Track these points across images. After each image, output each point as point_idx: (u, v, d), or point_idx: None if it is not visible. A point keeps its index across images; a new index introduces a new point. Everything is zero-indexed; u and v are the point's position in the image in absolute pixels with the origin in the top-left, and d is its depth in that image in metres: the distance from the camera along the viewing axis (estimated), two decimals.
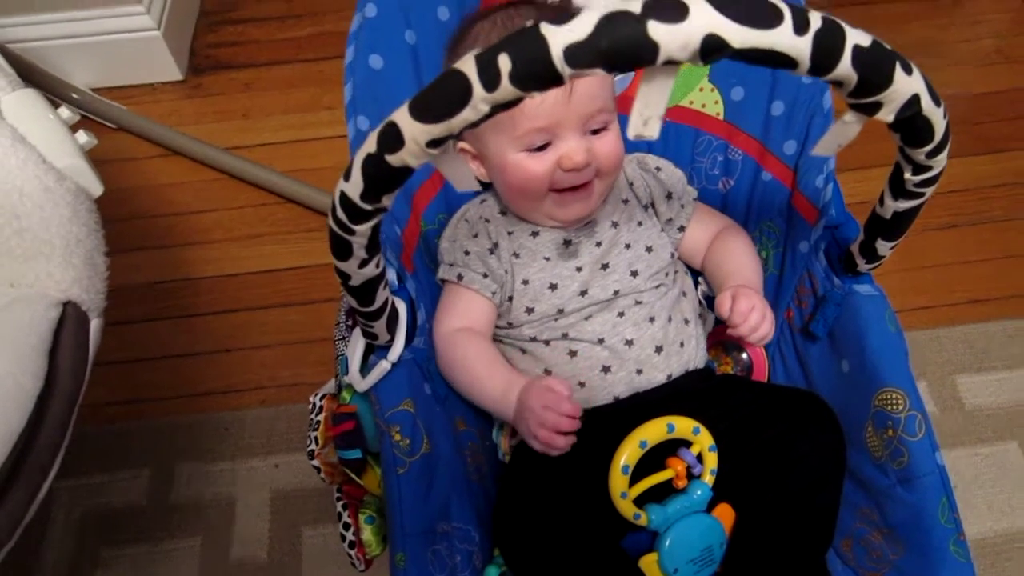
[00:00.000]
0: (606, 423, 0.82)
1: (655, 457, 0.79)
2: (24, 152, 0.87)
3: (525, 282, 0.91)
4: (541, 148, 0.85)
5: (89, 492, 1.29)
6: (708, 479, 0.80)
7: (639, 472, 0.78)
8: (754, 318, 0.85)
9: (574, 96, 0.82)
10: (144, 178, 1.65)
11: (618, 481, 0.77)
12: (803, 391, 0.89)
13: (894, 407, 0.78)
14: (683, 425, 0.79)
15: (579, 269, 0.91)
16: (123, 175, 1.64)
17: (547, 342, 0.90)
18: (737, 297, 0.86)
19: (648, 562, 0.79)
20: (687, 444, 0.80)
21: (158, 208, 1.61)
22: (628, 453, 0.77)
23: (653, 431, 0.78)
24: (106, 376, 1.25)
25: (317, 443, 0.89)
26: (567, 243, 0.93)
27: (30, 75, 1.63)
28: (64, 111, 0.97)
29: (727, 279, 0.92)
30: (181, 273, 1.53)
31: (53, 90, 1.66)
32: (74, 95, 1.68)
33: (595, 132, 0.87)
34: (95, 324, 0.85)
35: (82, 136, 0.96)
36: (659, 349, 0.89)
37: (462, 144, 0.90)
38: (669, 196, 0.97)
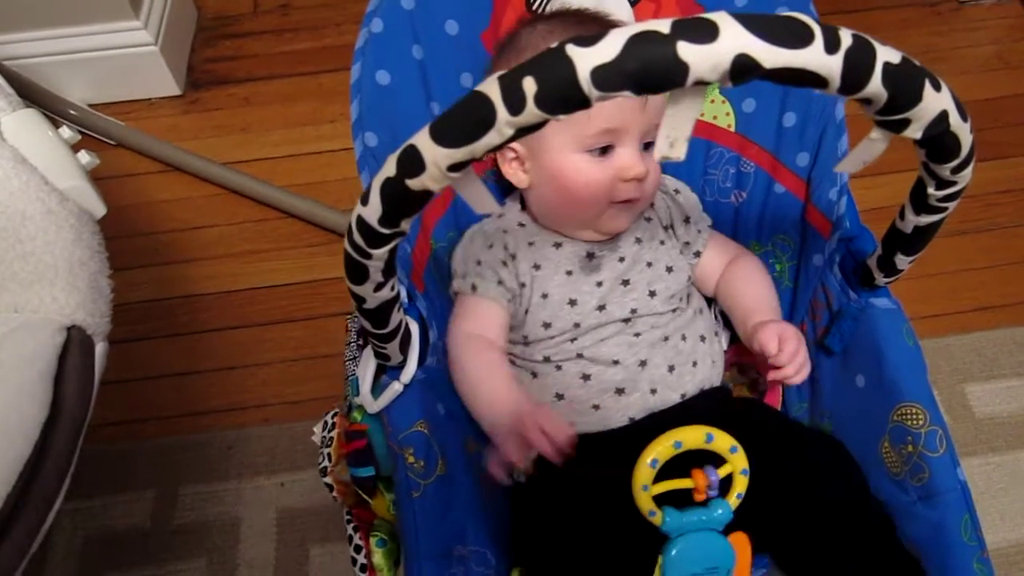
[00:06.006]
0: (623, 444, 0.80)
1: (682, 464, 0.77)
2: (26, 174, 0.86)
3: (545, 296, 0.90)
4: (602, 152, 0.85)
5: (91, 515, 1.27)
6: (733, 501, 0.78)
7: (665, 475, 0.76)
8: (800, 358, 0.84)
9: (649, 104, 0.82)
10: (143, 194, 1.64)
11: (643, 472, 0.74)
12: (824, 434, 0.87)
13: (914, 422, 0.78)
14: (722, 441, 0.75)
15: (599, 284, 0.90)
16: (122, 192, 1.62)
17: (559, 366, 0.88)
18: (786, 339, 0.84)
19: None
20: (716, 461, 0.78)
21: (158, 224, 1.60)
22: (660, 449, 0.74)
23: (691, 436, 0.75)
24: (107, 396, 1.22)
25: (330, 460, 0.88)
26: (590, 256, 0.92)
27: (27, 92, 1.61)
28: (65, 131, 0.95)
29: (752, 311, 0.90)
30: (182, 290, 1.52)
31: (50, 107, 1.65)
32: (72, 111, 1.67)
33: (645, 147, 0.87)
34: (100, 348, 0.83)
35: (84, 156, 0.95)
36: (672, 368, 0.88)
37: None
38: (687, 220, 0.97)
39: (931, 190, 0.63)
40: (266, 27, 1.90)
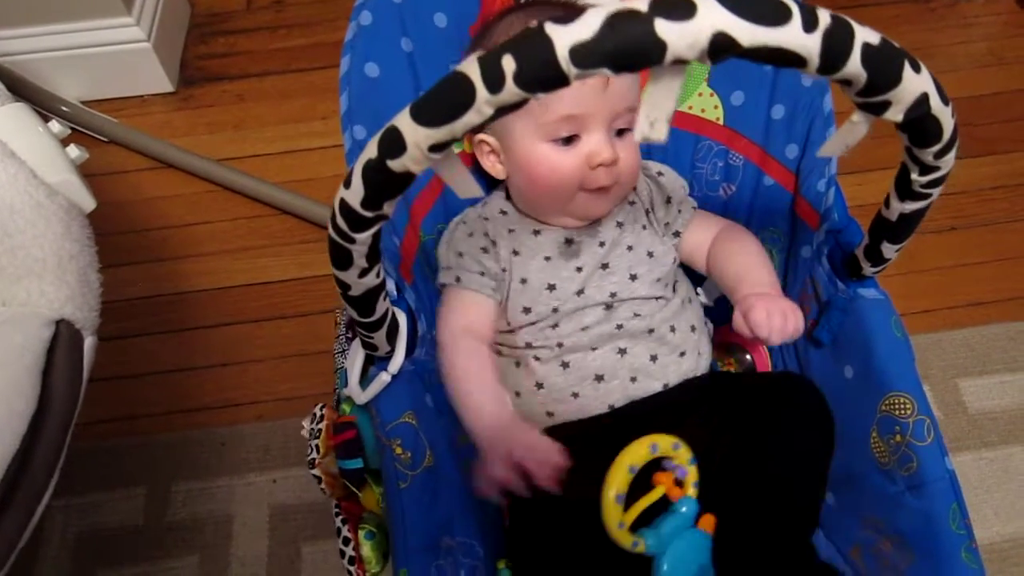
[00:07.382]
0: (604, 434, 0.80)
1: (640, 478, 0.75)
2: (14, 167, 0.85)
3: (523, 280, 0.90)
4: (567, 141, 0.85)
5: (84, 512, 1.27)
6: (692, 492, 0.78)
7: (628, 496, 0.75)
8: (776, 321, 0.80)
9: (609, 89, 0.82)
10: (136, 191, 1.63)
11: (612, 512, 0.72)
12: (783, 374, 0.86)
13: (902, 412, 0.77)
14: (664, 443, 0.75)
15: (579, 269, 0.90)
16: (115, 188, 1.62)
17: (538, 355, 0.88)
18: (748, 312, 0.81)
19: None
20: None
21: (150, 221, 1.60)
22: (619, 482, 0.72)
23: (637, 454, 0.74)
24: (99, 392, 1.23)
25: (318, 452, 0.88)
26: (569, 242, 0.91)
27: (19, 88, 1.61)
28: (55, 125, 0.95)
29: (738, 285, 0.88)
30: (174, 287, 1.52)
31: (43, 103, 1.65)
32: (64, 108, 1.67)
33: (619, 134, 0.86)
34: (89, 342, 0.83)
35: (73, 150, 0.94)
36: (654, 358, 0.87)
37: (482, 136, 0.90)
38: (668, 201, 0.96)
39: (915, 176, 0.63)
40: (259, 24, 1.90)
